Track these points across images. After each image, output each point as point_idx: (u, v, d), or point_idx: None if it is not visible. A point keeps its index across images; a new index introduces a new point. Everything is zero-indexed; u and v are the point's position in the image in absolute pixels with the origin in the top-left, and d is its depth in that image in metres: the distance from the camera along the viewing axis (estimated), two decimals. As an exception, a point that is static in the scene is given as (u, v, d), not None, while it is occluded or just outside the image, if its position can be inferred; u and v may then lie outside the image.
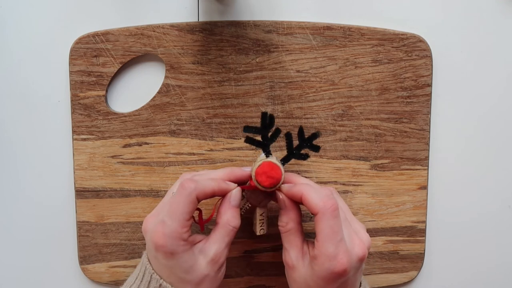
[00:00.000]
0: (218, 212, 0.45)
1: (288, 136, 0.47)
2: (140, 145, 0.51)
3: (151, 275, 0.44)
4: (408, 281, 0.54)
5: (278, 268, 0.49)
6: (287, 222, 0.45)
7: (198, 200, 0.43)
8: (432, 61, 0.51)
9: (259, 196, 0.46)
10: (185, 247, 0.42)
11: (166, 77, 0.51)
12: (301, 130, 0.47)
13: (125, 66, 0.51)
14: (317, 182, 0.52)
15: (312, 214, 0.43)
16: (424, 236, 0.53)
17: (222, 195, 0.45)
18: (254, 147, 0.51)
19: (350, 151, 0.52)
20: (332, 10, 0.52)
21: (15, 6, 0.51)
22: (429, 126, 0.52)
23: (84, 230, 0.52)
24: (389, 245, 0.53)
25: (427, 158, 0.52)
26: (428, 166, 0.52)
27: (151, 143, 0.51)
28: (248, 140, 0.47)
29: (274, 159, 0.46)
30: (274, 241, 0.52)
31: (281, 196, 0.45)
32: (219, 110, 0.51)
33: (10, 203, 0.53)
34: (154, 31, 0.50)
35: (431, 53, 0.51)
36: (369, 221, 0.53)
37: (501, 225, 0.54)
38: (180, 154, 0.51)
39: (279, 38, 0.50)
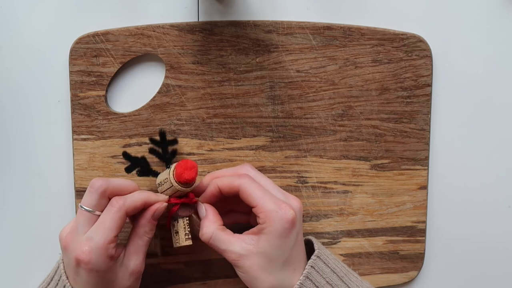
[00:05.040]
0: (137, 222, 0.45)
1: (149, 154, 0.49)
2: (140, 145, 0.51)
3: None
4: (408, 281, 0.54)
5: (278, 268, 0.49)
6: (208, 226, 0.45)
7: (128, 215, 0.44)
8: (432, 61, 0.51)
9: (186, 209, 0.47)
10: (110, 264, 0.43)
11: (166, 77, 0.51)
12: (162, 135, 0.49)
13: (125, 66, 0.51)
14: (317, 182, 0.52)
15: (235, 190, 0.44)
16: (424, 236, 0.53)
17: (149, 205, 0.46)
18: (255, 146, 0.51)
19: (350, 151, 0.52)
20: (332, 10, 0.52)
21: (15, 6, 0.51)
22: (429, 126, 0.52)
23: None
24: (389, 245, 0.53)
25: (427, 158, 0.52)
26: (428, 166, 0.52)
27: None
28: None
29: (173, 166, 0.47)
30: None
31: (199, 203, 0.47)
32: (219, 110, 0.51)
33: (10, 203, 0.53)
34: (154, 31, 0.50)
35: (431, 53, 0.51)
36: (369, 221, 0.53)
37: (501, 225, 0.54)
38: (180, 154, 0.51)
39: (279, 38, 0.50)
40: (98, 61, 0.50)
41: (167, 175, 0.46)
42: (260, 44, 0.51)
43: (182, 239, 0.46)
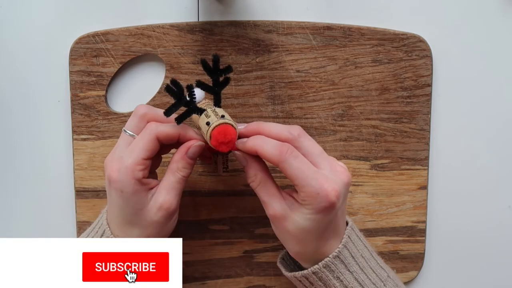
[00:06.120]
0: (172, 158, 0.44)
1: (199, 83, 0.43)
2: (140, 145, 0.51)
3: (101, 221, 0.45)
4: (408, 281, 0.54)
5: (278, 268, 0.49)
6: (255, 174, 0.44)
7: (160, 141, 0.43)
8: (432, 61, 0.51)
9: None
10: (136, 187, 0.42)
11: (166, 77, 0.51)
12: (203, 63, 0.43)
13: (125, 66, 0.51)
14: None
15: (274, 165, 0.42)
16: (424, 236, 0.53)
17: (186, 141, 0.44)
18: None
19: (350, 151, 0.52)
20: (332, 10, 0.52)
21: (15, 6, 0.51)
22: (429, 126, 0.52)
23: (84, 230, 0.52)
24: (389, 245, 0.53)
25: (427, 158, 0.52)
26: (428, 166, 0.52)
27: (151, 143, 0.51)
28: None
29: (217, 117, 0.42)
30: (274, 241, 0.52)
31: (237, 153, 0.44)
32: (219, 110, 0.51)
33: (10, 203, 0.53)
34: (154, 31, 0.50)
35: (431, 53, 0.51)
36: (369, 221, 0.53)
37: (501, 225, 0.54)
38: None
39: (279, 38, 0.50)
40: (98, 61, 0.50)
41: (205, 128, 0.42)
42: (260, 44, 0.51)
43: (220, 170, 0.48)
